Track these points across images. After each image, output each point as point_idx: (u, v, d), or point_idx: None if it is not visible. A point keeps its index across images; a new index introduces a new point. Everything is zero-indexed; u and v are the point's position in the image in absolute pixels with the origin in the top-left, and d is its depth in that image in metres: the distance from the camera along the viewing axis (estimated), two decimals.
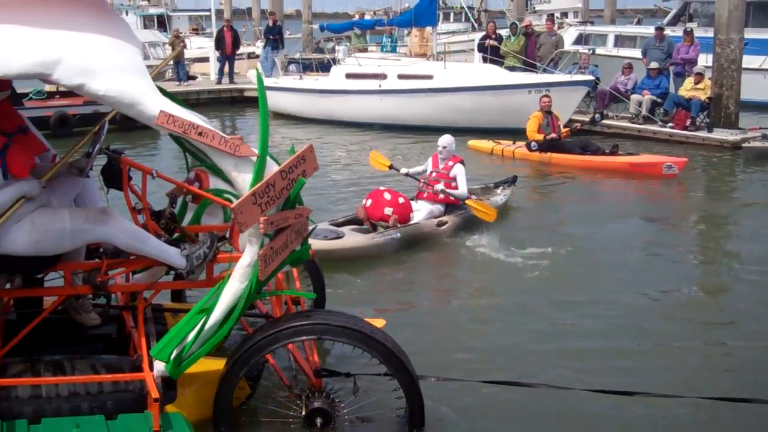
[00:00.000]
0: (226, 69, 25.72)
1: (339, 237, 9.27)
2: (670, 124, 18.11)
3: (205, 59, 28.00)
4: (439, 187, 10.61)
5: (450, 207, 10.66)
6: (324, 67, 22.74)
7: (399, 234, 9.74)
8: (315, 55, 24.71)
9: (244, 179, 4.78)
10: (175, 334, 4.90)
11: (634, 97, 18.77)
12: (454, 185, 10.61)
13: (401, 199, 10.07)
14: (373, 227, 9.83)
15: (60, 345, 5.48)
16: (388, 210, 9.80)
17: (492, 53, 20.37)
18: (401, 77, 20.26)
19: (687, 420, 5.87)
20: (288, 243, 5.09)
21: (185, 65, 26.01)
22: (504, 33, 21.73)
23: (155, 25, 38.49)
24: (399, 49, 24.28)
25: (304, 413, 5.10)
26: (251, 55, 29.35)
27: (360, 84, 20.69)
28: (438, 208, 10.55)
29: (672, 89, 18.93)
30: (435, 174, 10.70)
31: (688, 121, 17.83)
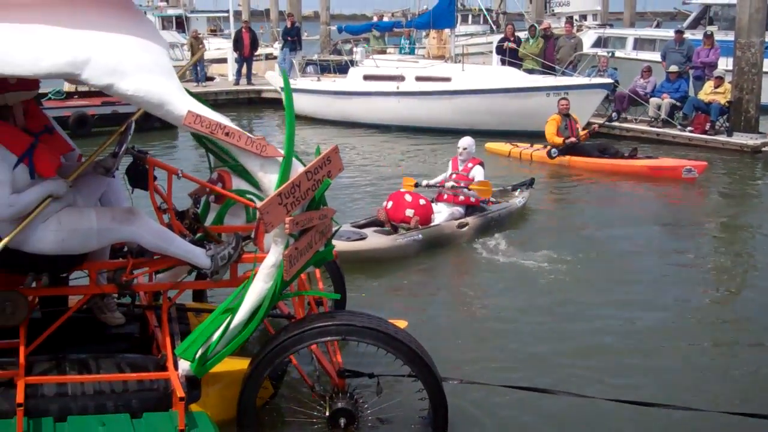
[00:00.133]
0: (243, 70, 25.78)
1: (362, 238, 9.30)
2: (689, 127, 18.02)
3: (223, 60, 28.09)
4: (449, 184, 10.65)
5: (470, 209, 10.66)
6: (342, 69, 22.74)
7: (421, 235, 9.76)
8: (333, 57, 24.70)
9: (270, 180, 4.79)
10: (200, 333, 4.92)
11: (653, 101, 18.70)
12: None
13: (422, 201, 10.07)
14: (394, 229, 9.84)
15: (82, 344, 5.50)
16: (409, 212, 9.81)
17: (510, 56, 20.33)
18: (419, 79, 20.24)
19: None
20: (312, 244, 5.11)
21: (204, 66, 26.10)
22: (522, 35, 21.70)
23: (173, 26, 38.60)
24: (417, 51, 24.27)
25: (328, 413, 5.10)
26: (269, 56, 29.40)
27: (378, 86, 20.68)
28: (458, 210, 10.55)
29: (692, 93, 18.86)
30: (455, 176, 10.70)
31: (707, 125, 17.74)
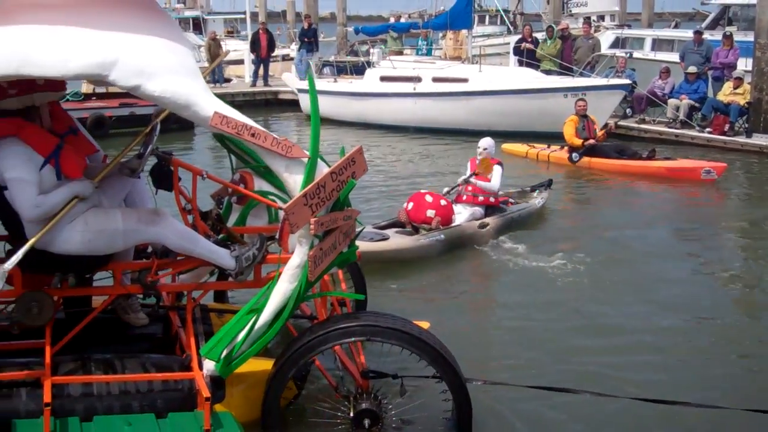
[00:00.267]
0: (260, 71, 25.85)
1: (384, 239, 9.32)
2: (708, 129, 17.93)
3: (240, 62, 28.17)
4: (461, 179, 10.70)
5: (490, 209, 10.67)
6: (358, 70, 22.76)
7: (443, 236, 9.77)
8: (349, 58, 24.73)
9: (295, 180, 4.81)
10: (225, 333, 4.94)
11: (671, 102, 18.63)
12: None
13: (443, 201, 10.09)
14: (415, 230, 9.84)
15: (105, 344, 5.52)
16: (430, 212, 9.82)
17: (528, 56, 20.31)
18: (436, 80, 20.22)
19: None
20: (336, 245, 5.12)
21: (222, 68, 26.17)
22: (540, 36, 21.67)
23: (191, 28, 38.68)
24: (434, 52, 24.26)
25: (352, 414, 5.10)
26: (285, 58, 29.46)
27: (394, 87, 20.68)
28: (479, 210, 10.55)
29: (710, 94, 18.77)
30: (474, 177, 10.70)
31: (726, 126, 17.65)
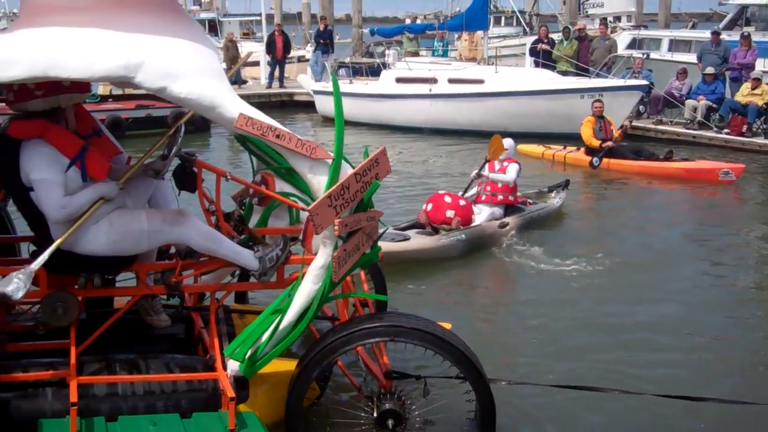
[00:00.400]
0: (276, 73, 25.89)
1: (405, 240, 9.35)
2: (725, 130, 17.87)
3: (255, 63, 28.22)
4: (474, 173, 10.77)
5: (510, 209, 10.68)
6: (374, 72, 22.76)
7: (464, 235, 9.80)
8: (365, 60, 24.74)
9: (319, 181, 4.82)
10: (249, 334, 4.95)
11: (689, 103, 18.57)
12: (512, 186, 10.63)
13: (462, 202, 10.13)
14: (435, 231, 9.86)
15: (127, 345, 5.54)
16: (449, 212, 9.84)
17: (544, 57, 20.28)
18: (452, 81, 20.21)
19: (761, 428, 5.79)
20: (359, 246, 5.13)
21: (239, 68, 26.20)
22: (556, 37, 21.63)
23: (206, 30, 38.74)
24: (450, 54, 24.24)
25: (375, 414, 5.11)
26: (301, 59, 29.50)
27: (410, 88, 20.68)
28: (498, 210, 10.56)
29: (728, 95, 18.69)
30: (486, 164, 10.72)
31: (744, 127, 17.58)
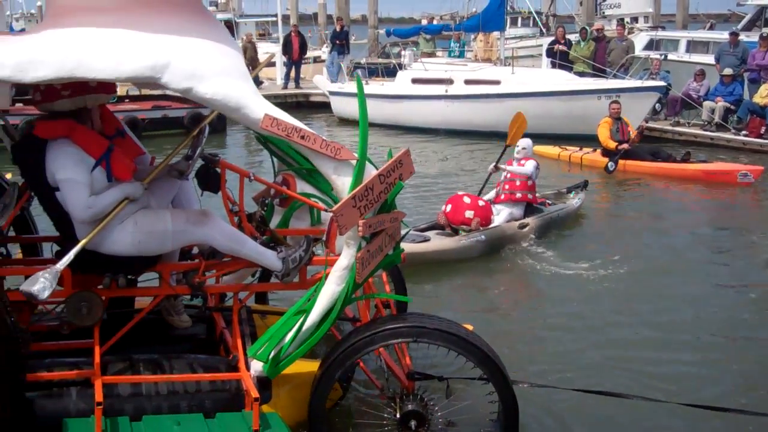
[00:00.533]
0: (292, 74, 25.94)
1: (425, 241, 9.35)
2: (743, 131, 17.79)
3: (272, 64, 28.28)
4: (491, 166, 10.83)
5: (529, 209, 10.67)
6: (390, 72, 22.77)
7: (483, 236, 9.81)
8: (381, 60, 24.75)
9: (343, 182, 4.82)
10: (273, 334, 4.96)
11: (706, 104, 18.49)
12: (530, 184, 10.62)
13: (481, 202, 10.13)
14: (455, 232, 9.86)
15: (148, 345, 5.56)
16: (468, 213, 9.84)
17: (561, 58, 20.24)
18: (468, 82, 20.20)
19: None
20: (383, 247, 5.13)
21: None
22: (573, 38, 21.58)
23: None
24: (466, 54, 24.24)
25: (398, 415, 5.11)
26: (317, 60, 29.56)
27: (426, 89, 20.69)
28: (518, 210, 10.55)
29: (746, 96, 18.59)
30: (509, 175, 10.70)
31: (762, 129, 17.52)
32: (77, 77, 4.30)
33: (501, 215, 10.39)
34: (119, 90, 20.84)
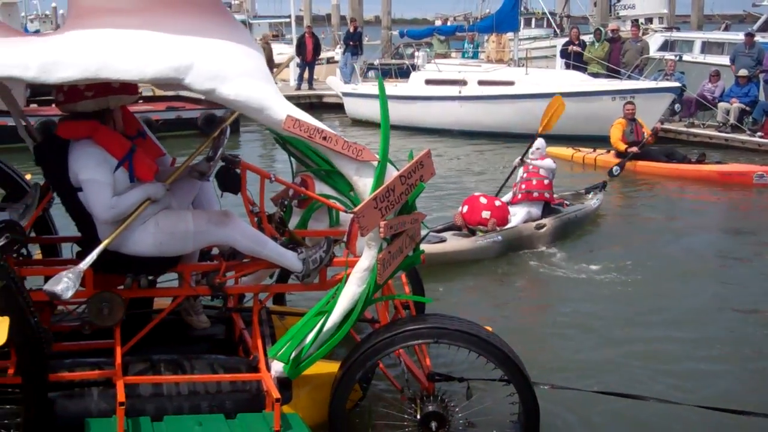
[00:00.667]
0: (305, 75, 25.95)
1: (442, 241, 9.36)
2: (759, 133, 17.74)
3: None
4: (517, 160, 10.82)
5: (547, 209, 10.65)
6: (403, 73, 22.75)
7: (500, 237, 9.81)
8: (394, 61, 24.74)
9: (365, 183, 4.82)
10: (294, 335, 4.96)
11: (721, 105, 18.44)
12: (547, 183, 10.60)
13: (497, 203, 10.13)
14: (472, 233, 9.86)
15: (166, 345, 5.56)
16: (485, 213, 9.84)
17: (575, 59, 20.21)
18: (482, 83, 20.19)
19: None
20: (403, 248, 5.13)
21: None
22: (587, 39, 21.54)
23: None
24: (480, 55, 24.23)
25: (419, 417, 5.11)
26: (330, 61, 29.57)
27: (440, 90, 20.68)
28: (535, 210, 10.52)
29: (762, 97, 18.54)
30: (526, 174, 10.70)
31: None
32: (102, 78, 4.31)
33: (518, 216, 10.36)
34: None
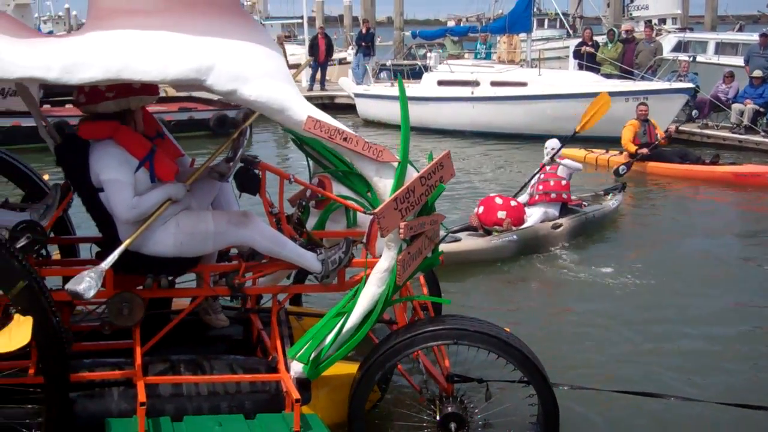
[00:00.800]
0: (317, 76, 25.97)
1: (456, 241, 9.35)
2: None
3: (297, 66, 28.32)
4: (546, 158, 10.66)
5: (564, 210, 10.63)
6: (415, 74, 22.74)
7: (515, 236, 9.80)
8: (406, 62, 24.73)
9: (385, 184, 4.81)
10: (313, 336, 4.96)
11: (735, 107, 18.36)
12: (564, 184, 10.58)
13: (513, 203, 10.12)
14: (488, 233, 9.84)
15: (184, 345, 5.58)
16: (501, 213, 9.83)
17: (588, 60, 20.16)
18: (494, 84, 20.15)
19: None
20: (422, 249, 5.12)
21: None
22: (600, 40, 21.49)
23: None
24: (493, 56, 24.21)
25: (438, 418, 5.10)
26: (342, 62, 29.58)
27: (452, 91, 20.65)
28: (552, 210, 10.50)
29: None
30: (543, 175, 10.68)
31: None
32: (124, 79, 4.31)
33: (534, 216, 10.35)
34: None
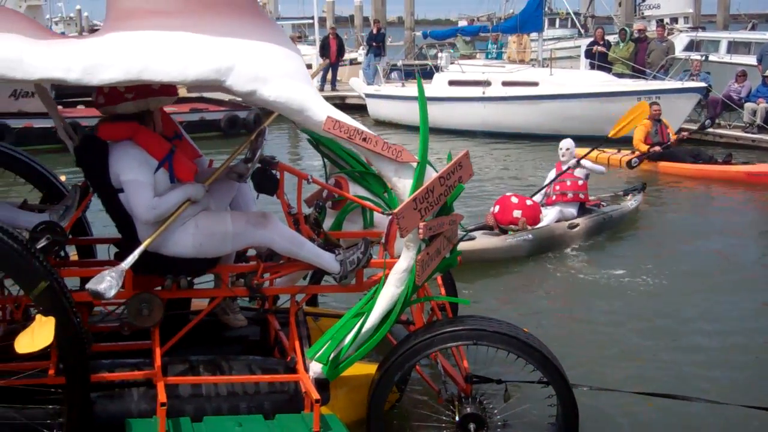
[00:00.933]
0: (328, 76, 25.96)
1: (471, 239, 9.34)
2: None
3: (308, 66, 28.28)
4: (572, 161, 10.57)
5: (581, 209, 10.59)
6: (426, 74, 22.69)
7: (531, 236, 9.79)
8: (417, 62, 24.71)
9: (404, 185, 4.81)
10: (332, 336, 4.96)
11: (748, 106, 18.30)
12: (581, 184, 10.54)
13: (529, 202, 10.11)
14: (503, 233, 9.83)
15: (201, 346, 5.58)
16: (516, 213, 9.82)
17: (600, 59, 20.12)
18: (506, 84, 20.12)
19: None
20: (441, 249, 5.12)
21: None
22: (612, 39, 21.44)
23: None
24: (504, 56, 24.20)
25: (457, 418, 5.10)
26: (353, 62, 29.57)
27: (463, 91, 20.62)
28: (570, 210, 10.47)
29: None
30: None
31: None
32: (144, 80, 4.32)
33: (550, 215, 10.33)
34: None
